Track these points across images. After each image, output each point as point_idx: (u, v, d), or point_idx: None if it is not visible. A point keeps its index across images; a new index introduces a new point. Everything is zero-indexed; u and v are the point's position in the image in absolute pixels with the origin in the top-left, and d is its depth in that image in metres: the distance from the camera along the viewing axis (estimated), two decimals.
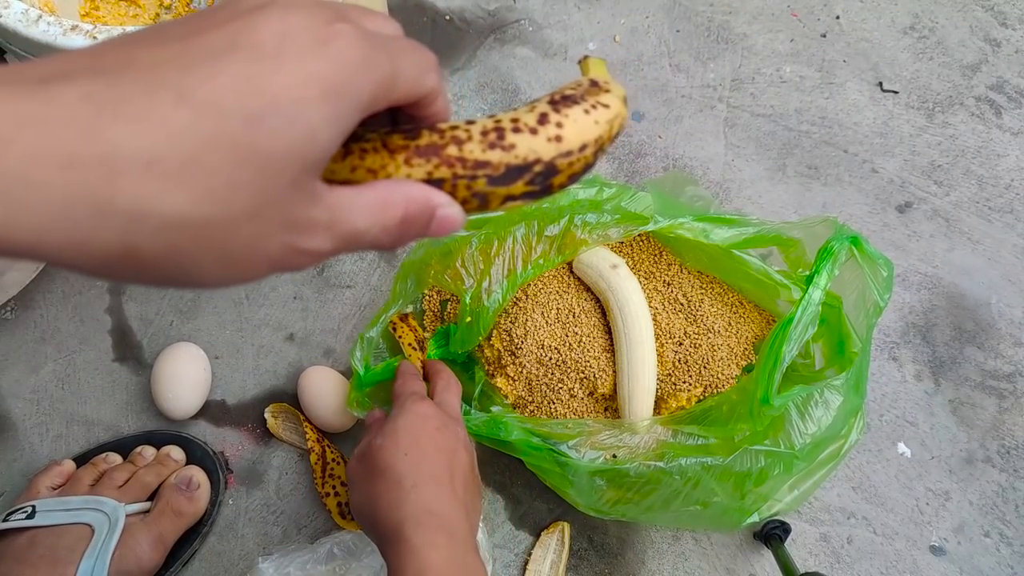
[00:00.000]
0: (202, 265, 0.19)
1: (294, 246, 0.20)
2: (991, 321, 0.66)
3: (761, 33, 0.78)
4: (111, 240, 0.17)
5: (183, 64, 0.18)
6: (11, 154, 0.15)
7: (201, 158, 0.17)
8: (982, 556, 0.58)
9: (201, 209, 0.18)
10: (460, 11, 0.78)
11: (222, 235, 0.18)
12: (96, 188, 0.16)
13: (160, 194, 0.17)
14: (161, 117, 0.17)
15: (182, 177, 0.17)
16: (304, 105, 0.18)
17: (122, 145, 0.16)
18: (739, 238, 0.55)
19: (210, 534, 0.57)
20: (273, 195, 0.19)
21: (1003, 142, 0.73)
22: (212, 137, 0.17)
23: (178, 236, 0.18)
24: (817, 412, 0.49)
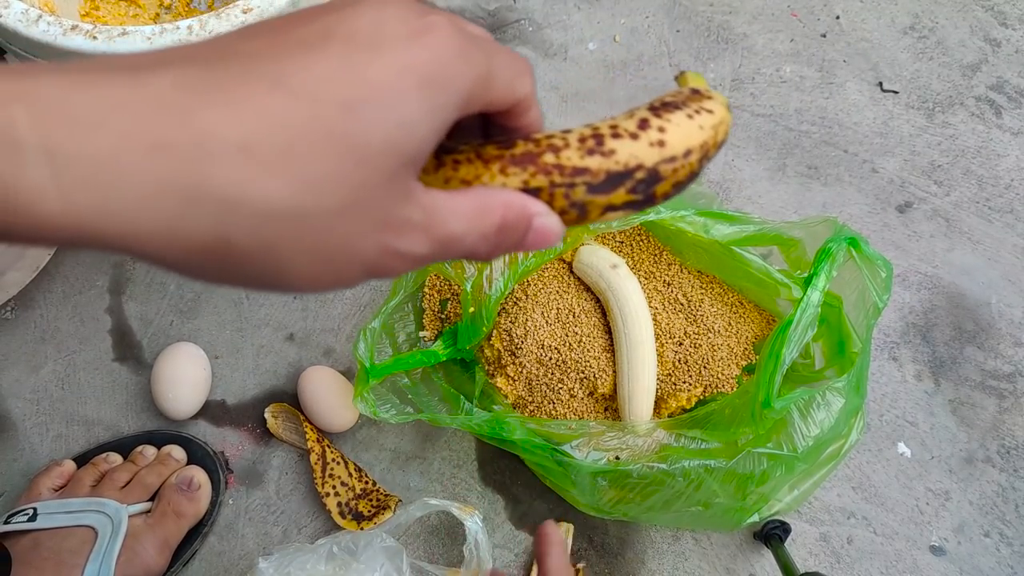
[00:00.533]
0: (296, 262, 0.18)
1: (390, 247, 0.19)
2: (991, 321, 0.66)
3: (761, 33, 0.78)
4: (203, 230, 0.16)
5: (277, 54, 0.17)
6: (100, 138, 0.15)
7: (296, 146, 0.17)
8: (982, 556, 0.58)
9: (297, 200, 0.17)
10: (460, 11, 0.78)
11: (318, 230, 0.17)
12: (188, 173, 0.16)
13: (255, 180, 0.16)
14: (256, 103, 0.16)
15: (278, 165, 0.16)
16: (401, 95, 0.18)
17: (215, 130, 0.16)
18: (740, 235, 0.55)
19: (210, 534, 0.57)
20: (370, 189, 0.18)
21: (1003, 142, 0.73)
22: (308, 125, 0.17)
23: (273, 227, 0.17)
24: (819, 414, 0.49)
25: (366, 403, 0.52)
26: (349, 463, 0.58)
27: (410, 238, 0.19)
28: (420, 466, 0.60)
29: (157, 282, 0.65)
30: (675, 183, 0.23)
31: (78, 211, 0.15)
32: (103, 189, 0.15)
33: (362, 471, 0.58)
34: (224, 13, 0.43)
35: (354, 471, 0.58)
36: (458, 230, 0.20)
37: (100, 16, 0.60)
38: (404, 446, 0.60)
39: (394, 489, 0.58)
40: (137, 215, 0.15)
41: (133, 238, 0.16)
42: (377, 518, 0.55)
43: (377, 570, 0.50)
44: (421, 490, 0.59)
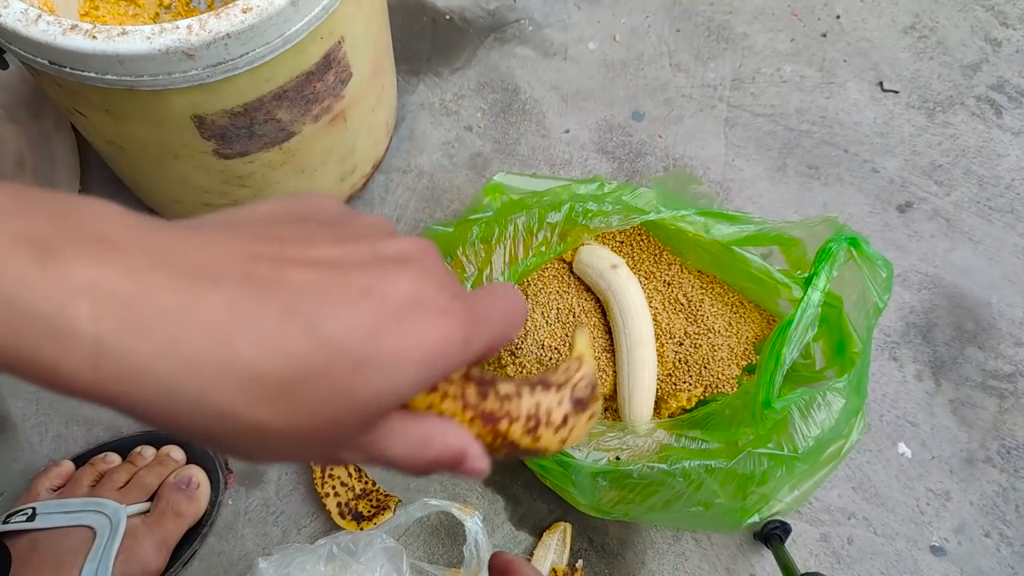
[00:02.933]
0: (258, 453, 0.21)
1: (334, 456, 0.22)
2: (992, 321, 0.66)
3: (761, 33, 0.77)
4: (199, 425, 0.19)
5: (322, 297, 0.20)
6: (148, 344, 0.17)
7: (303, 384, 0.19)
8: (982, 556, 0.58)
9: (281, 421, 0.20)
10: (460, 10, 0.78)
11: (288, 441, 0.20)
12: (205, 388, 0.18)
13: (254, 404, 0.19)
14: (286, 342, 0.19)
15: (279, 394, 0.19)
16: (403, 366, 0.21)
17: (243, 357, 0.19)
18: (740, 235, 0.55)
19: (210, 534, 0.56)
20: (342, 425, 0.20)
21: (1004, 142, 0.73)
22: (319, 370, 0.19)
23: (253, 434, 0.20)
24: (819, 415, 0.48)
25: None
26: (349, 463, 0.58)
27: (353, 453, 0.22)
28: None
29: None
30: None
31: (103, 388, 0.18)
32: (130, 382, 0.18)
33: (362, 471, 0.58)
34: (224, 13, 0.43)
35: (354, 471, 0.58)
36: (394, 454, 0.23)
37: (99, 16, 0.60)
38: None
39: (394, 489, 0.58)
40: (149, 403, 0.18)
41: (138, 414, 0.18)
42: (377, 519, 0.55)
43: (377, 571, 0.50)
44: (421, 490, 0.59)
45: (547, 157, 0.71)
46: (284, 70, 0.48)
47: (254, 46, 0.44)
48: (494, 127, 0.72)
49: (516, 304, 0.25)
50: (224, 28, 0.43)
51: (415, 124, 0.72)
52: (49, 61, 0.44)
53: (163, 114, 0.48)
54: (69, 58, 0.43)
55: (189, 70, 0.44)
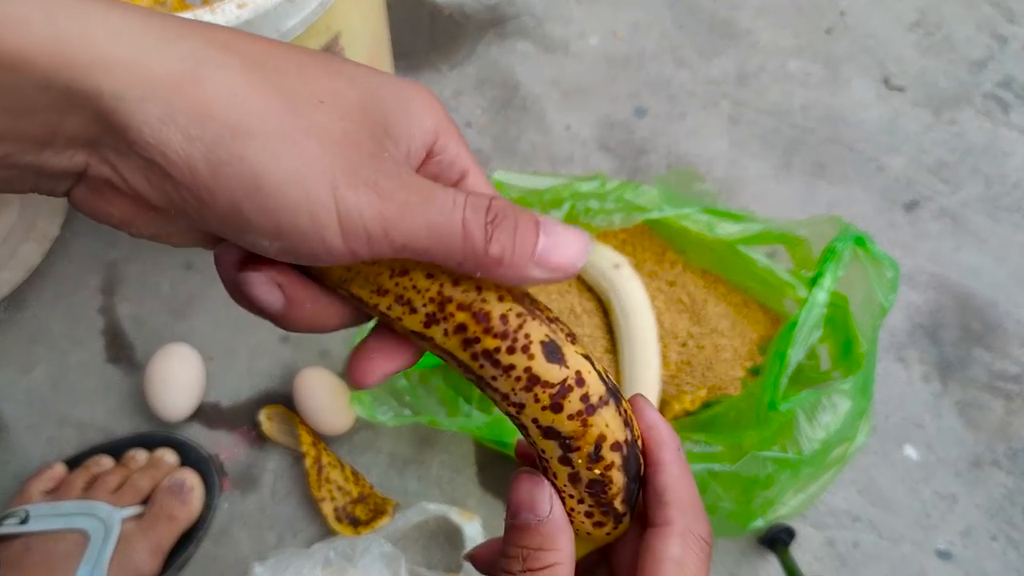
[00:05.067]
0: (268, 147, 0.18)
1: (377, 184, 0.19)
2: (999, 321, 0.65)
3: (765, 28, 0.76)
4: (172, 65, 0.17)
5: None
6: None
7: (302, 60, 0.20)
8: (989, 560, 0.57)
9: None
10: (459, 5, 0.77)
11: (297, 124, 0.18)
12: (168, 24, 0.18)
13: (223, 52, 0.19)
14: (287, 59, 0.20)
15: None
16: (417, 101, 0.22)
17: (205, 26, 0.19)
18: (745, 234, 0.54)
19: (204, 538, 0.56)
20: (365, 124, 0.20)
21: (1010, 140, 0.72)
22: (325, 64, 0.20)
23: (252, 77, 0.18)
24: (825, 417, 0.48)
25: (363, 405, 0.51)
26: (345, 467, 0.57)
27: (391, 199, 0.19)
28: (418, 470, 0.59)
29: (150, 282, 0.64)
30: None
31: (62, 36, 0.16)
32: (88, 23, 0.16)
33: (359, 475, 0.57)
34: (219, 8, 0.43)
35: (350, 475, 0.57)
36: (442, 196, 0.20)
37: None
38: (402, 450, 0.59)
39: (391, 493, 0.57)
40: (114, 45, 0.16)
41: (103, 65, 0.16)
42: (374, 523, 0.54)
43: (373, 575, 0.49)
44: (419, 494, 0.58)
45: (548, 154, 0.70)
46: None
47: None
48: (494, 124, 0.71)
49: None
50: (220, 23, 0.42)
51: None
52: None
53: None
54: None
55: None
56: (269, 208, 0.18)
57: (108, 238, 0.65)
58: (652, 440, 0.24)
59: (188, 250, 0.65)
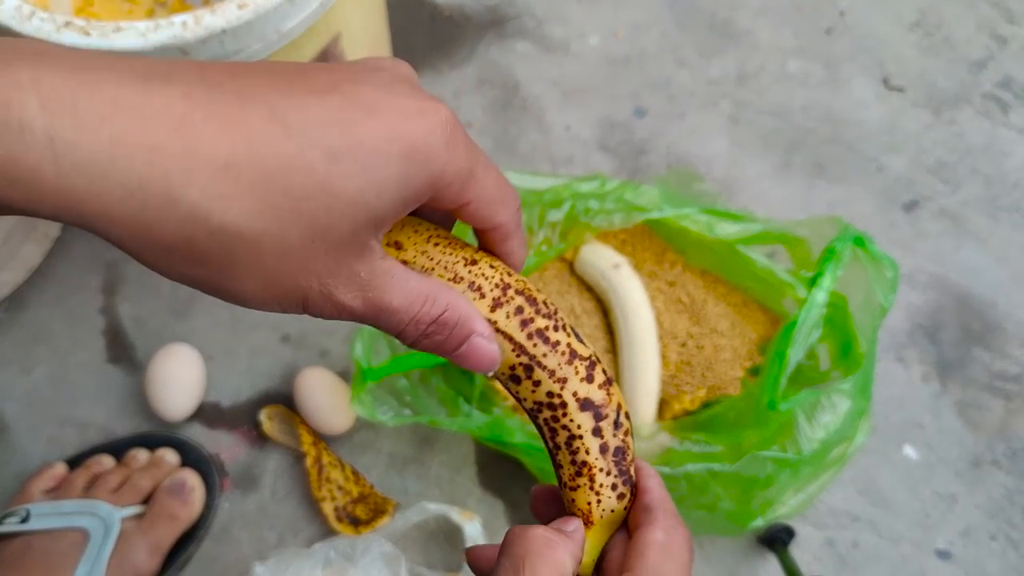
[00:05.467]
0: (246, 278, 0.19)
1: (328, 293, 0.20)
2: (999, 322, 0.65)
3: (765, 28, 0.76)
4: (171, 230, 0.18)
5: (284, 92, 0.19)
6: (103, 132, 0.17)
7: (275, 176, 0.18)
8: (989, 560, 0.57)
9: (262, 224, 0.18)
10: (459, 6, 0.77)
11: (272, 256, 0.19)
12: (172, 178, 0.17)
13: (229, 197, 0.18)
14: (250, 128, 0.18)
15: (254, 188, 0.18)
16: (383, 157, 0.19)
17: (205, 143, 0.17)
18: (744, 234, 0.54)
19: (205, 538, 0.56)
20: (330, 235, 0.19)
21: (1010, 140, 0.72)
22: (292, 160, 0.18)
23: (233, 242, 0.18)
24: (824, 417, 0.48)
25: (363, 405, 0.51)
26: (346, 467, 0.57)
27: (348, 292, 0.21)
28: (418, 470, 0.59)
29: (151, 283, 0.64)
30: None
31: (70, 190, 0.17)
32: (94, 176, 0.17)
33: (359, 475, 0.57)
34: (219, 8, 0.43)
35: (351, 475, 0.57)
36: (395, 305, 0.21)
37: (94, 12, 0.59)
38: (402, 449, 0.59)
39: (391, 493, 0.57)
40: (120, 205, 0.17)
41: (110, 223, 0.18)
42: (374, 523, 0.54)
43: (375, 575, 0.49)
44: (419, 494, 0.58)
45: (547, 155, 0.70)
46: None
47: (250, 42, 0.44)
48: (494, 124, 0.71)
49: (509, 186, 0.24)
50: (220, 24, 0.42)
51: None
52: None
53: None
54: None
55: None
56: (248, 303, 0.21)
57: None
58: (639, 472, 0.27)
59: None
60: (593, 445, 0.25)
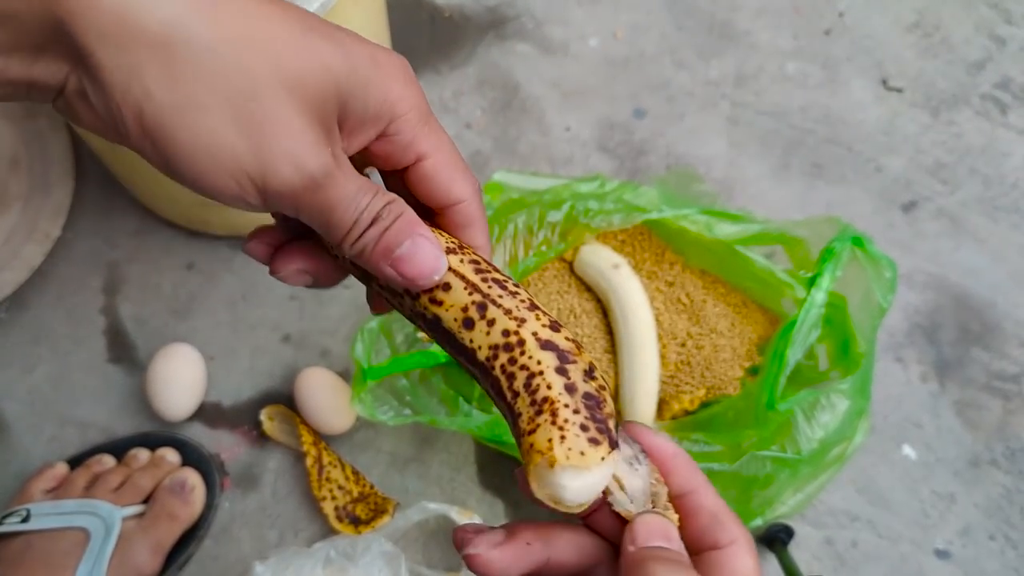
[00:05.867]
0: (208, 103, 0.20)
1: (294, 153, 0.21)
2: (997, 322, 0.65)
3: (764, 30, 0.77)
4: (153, 28, 0.20)
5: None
6: None
7: (258, 23, 0.21)
8: (987, 559, 0.58)
9: (236, 49, 0.21)
10: (459, 7, 0.77)
11: (243, 84, 0.21)
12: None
13: (210, 23, 0.21)
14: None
15: (233, 20, 0.21)
16: (357, 46, 0.23)
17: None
18: (743, 234, 0.54)
19: (206, 538, 0.56)
20: (302, 86, 0.21)
21: (1008, 140, 0.72)
22: (279, 17, 0.22)
23: (203, 55, 0.20)
24: (823, 416, 0.48)
25: (363, 405, 0.52)
26: (346, 466, 0.57)
27: (313, 158, 0.22)
28: (418, 469, 0.59)
29: (152, 282, 0.64)
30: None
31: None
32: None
33: (359, 474, 0.57)
34: None
35: (351, 474, 0.57)
36: (350, 187, 0.22)
37: None
38: (402, 449, 0.59)
39: (392, 493, 0.58)
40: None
41: (96, 8, 0.19)
42: (375, 522, 0.54)
43: (375, 575, 0.49)
44: (419, 494, 0.58)
45: (547, 155, 0.71)
46: None
47: None
48: (494, 125, 0.72)
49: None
50: None
51: None
52: None
53: None
54: None
55: None
56: (197, 177, 0.21)
57: (110, 238, 0.66)
58: (680, 467, 0.24)
59: (190, 250, 0.65)
60: (556, 381, 0.22)
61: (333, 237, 0.23)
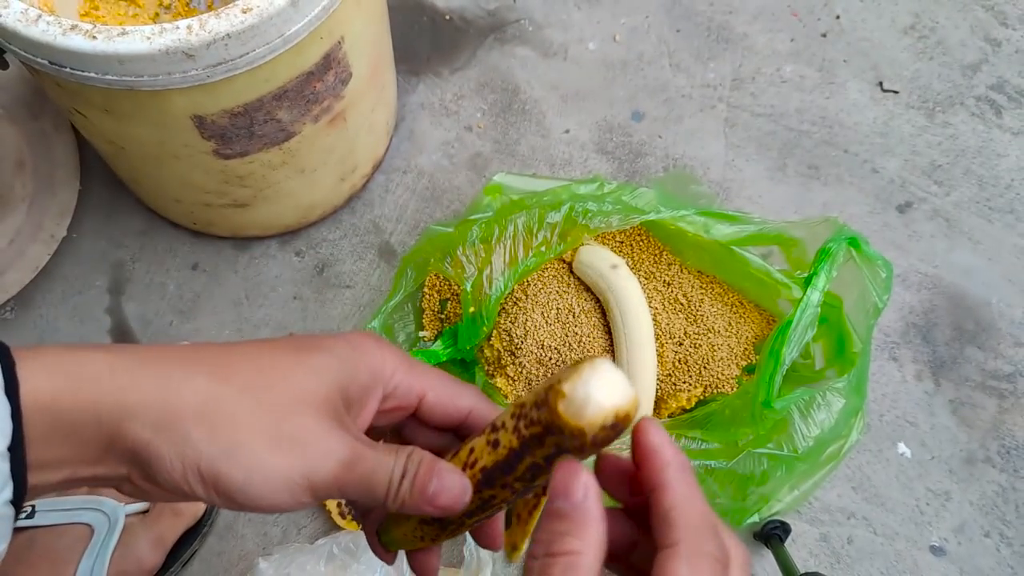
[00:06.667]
0: (250, 440, 0.25)
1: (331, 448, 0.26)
2: (991, 321, 0.66)
3: (761, 32, 0.77)
4: (188, 398, 0.25)
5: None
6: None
7: (256, 379, 0.27)
8: (982, 556, 0.58)
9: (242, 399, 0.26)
10: (460, 10, 0.78)
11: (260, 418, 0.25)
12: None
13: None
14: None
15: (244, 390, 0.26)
16: (327, 355, 0.28)
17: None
18: (740, 235, 0.55)
19: (209, 534, 0.56)
20: (310, 398, 0.26)
21: (1003, 142, 0.73)
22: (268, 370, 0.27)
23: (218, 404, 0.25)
24: (819, 415, 0.49)
25: None
26: None
27: (345, 446, 0.26)
28: None
29: (157, 282, 0.65)
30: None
31: (120, 390, 0.25)
32: (135, 375, 0.25)
33: None
34: (223, 13, 0.43)
35: None
36: (371, 455, 0.26)
37: (99, 16, 0.60)
38: None
39: None
40: (148, 389, 0.25)
41: (141, 410, 0.25)
42: None
43: (377, 571, 0.50)
44: None
45: (547, 157, 0.71)
46: (284, 70, 0.48)
47: (254, 46, 0.44)
48: (494, 127, 0.72)
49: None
50: (224, 28, 0.43)
51: (415, 124, 0.72)
52: (49, 61, 0.44)
53: (163, 114, 0.48)
54: (69, 58, 0.43)
55: (189, 70, 0.44)
56: (258, 499, 0.25)
57: (115, 239, 0.66)
58: (657, 461, 0.24)
59: (194, 251, 0.66)
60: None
61: (376, 500, 0.26)
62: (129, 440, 0.24)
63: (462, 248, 0.55)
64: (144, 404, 0.24)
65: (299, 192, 0.60)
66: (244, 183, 0.56)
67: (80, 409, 0.24)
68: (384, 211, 0.68)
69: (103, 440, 0.24)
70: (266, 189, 0.58)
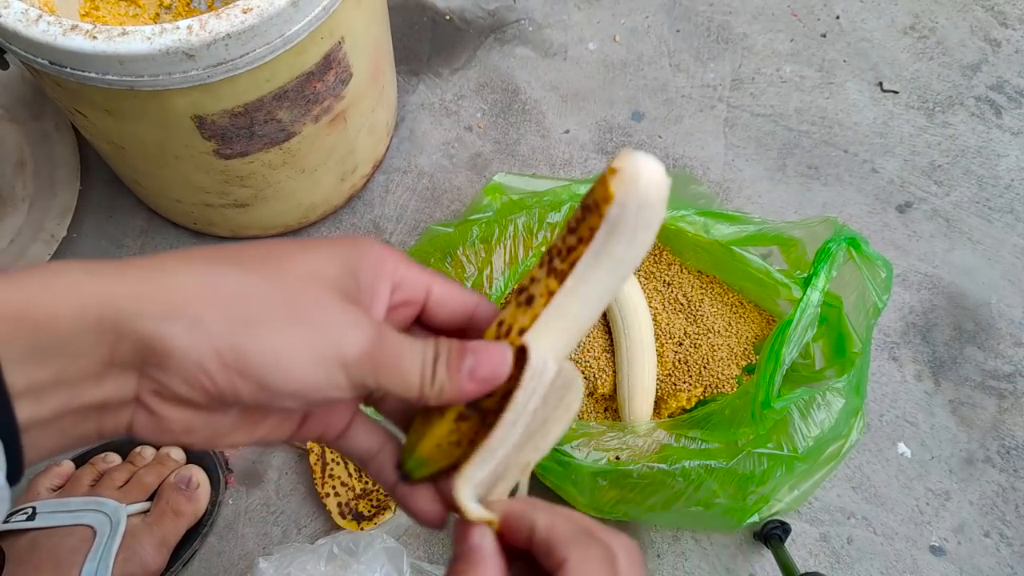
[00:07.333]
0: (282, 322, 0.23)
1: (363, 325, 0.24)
2: (991, 321, 0.66)
3: (761, 33, 0.77)
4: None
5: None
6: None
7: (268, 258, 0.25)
8: (982, 556, 0.58)
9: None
10: (460, 11, 0.78)
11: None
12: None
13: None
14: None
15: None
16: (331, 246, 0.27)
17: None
18: (740, 235, 0.55)
19: (210, 534, 0.57)
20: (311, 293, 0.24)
21: (1003, 142, 0.73)
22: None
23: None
24: (819, 414, 0.49)
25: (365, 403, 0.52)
26: (349, 463, 0.58)
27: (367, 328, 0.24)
28: None
29: None
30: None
31: (103, 288, 0.22)
32: (119, 272, 0.22)
33: (362, 471, 0.58)
34: (224, 13, 0.43)
35: (354, 471, 0.58)
36: (397, 336, 0.25)
37: (100, 16, 0.60)
38: None
39: None
40: (141, 279, 0.23)
41: (137, 297, 0.22)
42: (377, 518, 0.55)
43: (378, 571, 0.50)
44: None
45: (547, 157, 0.71)
46: (284, 70, 0.48)
47: (254, 46, 0.45)
48: (494, 127, 0.72)
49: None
50: (224, 28, 0.43)
51: (415, 124, 0.72)
52: (49, 61, 0.44)
53: (163, 114, 0.48)
54: (69, 58, 0.43)
55: (189, 70, 0.44)
56: (289, 379, 0.22)
57: (115, 239, 0.66)
58: (512, 522, 0.26)
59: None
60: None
61: (411, 390, 0.24)
62: (134, 338, 0.21)
63: (462, 248, 0.55)
64: (141, 297, 0.21)
65: (299, 192, 0.61)
66: (244, 183, 0.56)
67: (65, 315, 0.20)
68: (384, 211, 0.68)
69: (103, 349, 0.21)
70: (266, 189, 0.58)
